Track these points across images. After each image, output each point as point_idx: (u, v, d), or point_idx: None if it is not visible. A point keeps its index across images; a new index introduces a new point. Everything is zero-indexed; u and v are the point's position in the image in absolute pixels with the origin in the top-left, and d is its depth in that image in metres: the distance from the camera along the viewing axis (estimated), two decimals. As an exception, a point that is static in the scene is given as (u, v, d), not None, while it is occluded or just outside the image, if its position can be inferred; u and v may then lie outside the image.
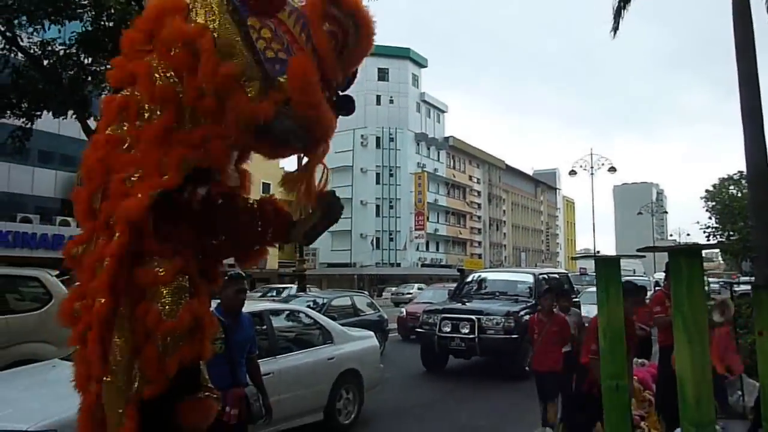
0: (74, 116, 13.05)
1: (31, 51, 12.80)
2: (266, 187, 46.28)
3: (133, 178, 2.42)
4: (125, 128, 2.55)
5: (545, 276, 12.94)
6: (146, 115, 2.52)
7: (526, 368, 6.63)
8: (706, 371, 2.60)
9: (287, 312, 7.67)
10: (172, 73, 2.50)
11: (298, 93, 2.49)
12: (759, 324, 3.13)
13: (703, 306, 2.66)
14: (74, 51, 12.71)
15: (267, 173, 46.16)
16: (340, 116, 2.78)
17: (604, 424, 3.41)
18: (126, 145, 2.52)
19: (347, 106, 2.84)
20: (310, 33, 2.56)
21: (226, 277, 4.47)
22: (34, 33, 12.89)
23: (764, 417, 3.06)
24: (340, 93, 2.84)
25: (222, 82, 2.39)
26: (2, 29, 12.59)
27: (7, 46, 12.80)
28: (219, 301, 4.43)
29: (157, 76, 2.50)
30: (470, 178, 70.21)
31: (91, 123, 12.05)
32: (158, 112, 2.49)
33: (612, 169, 39.43)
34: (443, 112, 68.11)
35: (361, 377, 7.30)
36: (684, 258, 2.67)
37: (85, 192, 2.61)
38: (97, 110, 12.38)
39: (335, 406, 6.92)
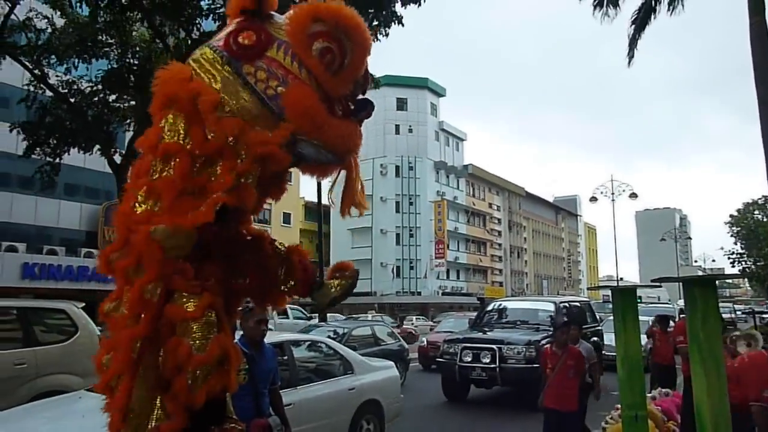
0: (99, 151, 13.41)
1: (58, 88, 13.23)
2: (287, 217, 46.42)
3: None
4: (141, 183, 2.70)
5: (566, 304, 12.85)
6: (158, 169, 2.65)
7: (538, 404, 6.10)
8: (723, 401, 2.61)
9: (308, 342, 7.73)
10: (180, 128, 2.65)
11: (300, 120, 2.62)
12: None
13: (718, 336, 2.68)
14: (99, 88, 13.11)
15: (289, 205, 45.95)
16: (363, 120, 2.88)
17: None
18: (144, 198, 2.64)
19: (364, 109, 2.91)
20: (301, 60, 2.68)
21: (248, 308, 4.57)
22: (66, 72, 13.34)
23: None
24: (359, 98, 2.92)
25: (230, 128, 2.57)
26: (32, 67, 13.04)
27: (36, 84, 13.23)
28: (242, 332, 4.52)
29: (165, 135, 2.66)
30: (490, 205, 70.08)
31: (117, 158, 12.36)
32: (172, 163, 2.61)
33: (633, 195, 39.15)
34: (462, 140, 68.38)
35: (381, 407, 7.29)
36: (698, 288, 2.70)
37: (108, 249, 2.74)
38: (122, 145, 12.74)
39: (356, 437, 6.92)
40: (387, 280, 55.91)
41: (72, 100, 13.18)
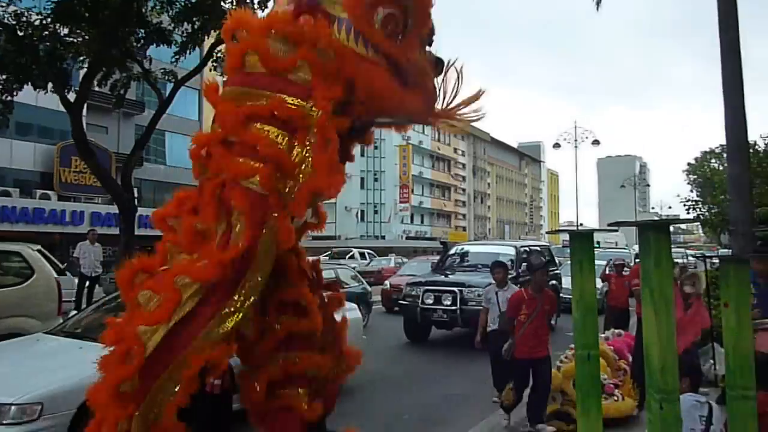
0: (53, 89, 12.86)
1: (5, 19, 12.52)
2: None
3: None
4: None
5: (527, 248, 13.10)
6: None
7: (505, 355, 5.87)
8: (671, 341, 2.71)
9: (271, 285, 7.74)
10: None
11: (376, 103, 2.58)
12: (725, 296, 3.24)
13: (670, 279, 2.76)
14: (50, 21, 12.45)
15: None
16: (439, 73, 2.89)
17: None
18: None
19: (439, 66, 2.91)
20: (365, 38, 2.57)
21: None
22: (10, 2, 12.59)
23: (728, 385, 3.19)
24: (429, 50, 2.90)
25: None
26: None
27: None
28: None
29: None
30: (455, 150, 70.20)
31: (71, 96, 11.87)
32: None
33: (596, 142, 39.66)
34: (428, 83, 67.71)
35: (344, 348, 7.40)
36: (652, 233, 2.75)
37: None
38: (76, 82, 12.22)
39: (319, 377, 7.02)
40: (351, 224, 56.08)
41: (21, 33, 12.52)
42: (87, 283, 12.73)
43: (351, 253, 31.97)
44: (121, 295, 3.09)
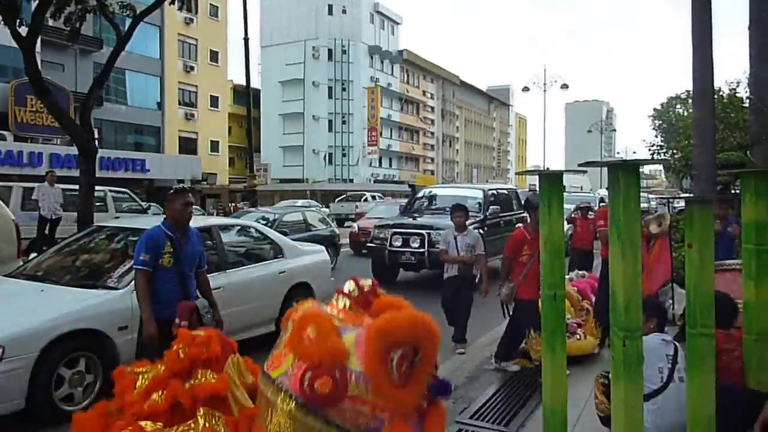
0: (2, 22, 12.17)
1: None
2: (214, 100, 44.51)
3: None
4: None
5: (495, 192, 13.18)
6: None
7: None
8: (636, 281, 2.74)
9: (237, 227, 7.65)
10: None
11: None
12: (689, 236, 3.27)
13: (637, 219, 2.77)
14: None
15: (216, 87, 43.91)
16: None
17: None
18: None
19: (442, 393, 3.01)
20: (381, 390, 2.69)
21: (172, 190, 4.41)
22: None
23: (688, 323, 3.26)
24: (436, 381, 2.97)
25: None
26: None
27: None
28: (166, 215, 4.38)
29: None
30: (424, 93, 69.57)
31: (22, 30, 11.25)
32: None
33: (564, 86, 39.69)
34: (397, 24, 66.34)
35: (312, 290, 7.42)
36: (622, 173, 2.74)
37: None
38: (28, 15, 11.57)
39: (287, 319, 7.06)
40: (319, 168, 55.70)
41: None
42: (48, 226, 12.46)
43: (364, 197, 34.46)
44: None
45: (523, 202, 14.08)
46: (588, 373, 5.16)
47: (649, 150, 25.71)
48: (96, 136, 12.48)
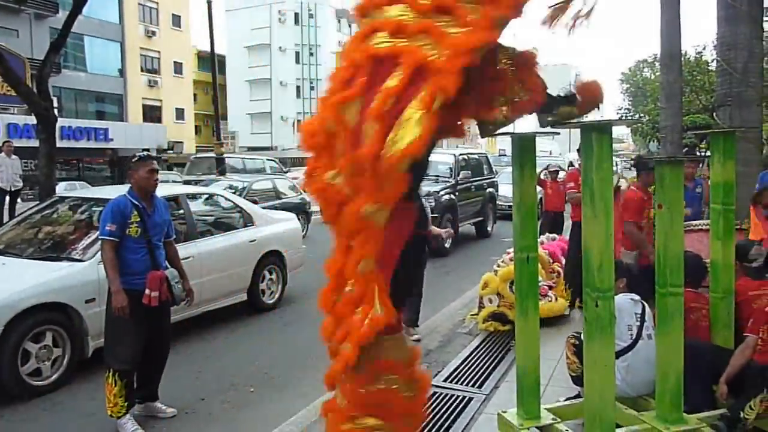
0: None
1: None
2: (178, 66, 43.35)
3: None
4: None
5: (465, 157, 13.18)
6: None
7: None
8: (608, 242, 2.75)
9: (205, 196, 7.52)
10: None
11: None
12: (660, 197, 3.29)
13: (610, 181, 2.76)
14: None
15: (180, 53, 42.67)
16: None
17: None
18: None
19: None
20: None
21: (136, 158, 4.28)
22: None
23: (658, 282, 3.31)
24: None
25: None
26: None
27: None
28: (131, 184, 4.25)
29: None
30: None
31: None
32: None
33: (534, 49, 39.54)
34: (365, -13, 65.12)
35: (283, 258, 7.37)
36: (595, 133, 2.73)
37: None
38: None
39: (258, 287, 7.02)
40: (287, 135, 54.98)
41: None
42: (7, 198, 12.09)
43: None
44: None
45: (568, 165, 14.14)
46: (559, 335, 5.24)
47: (617, 113, 25.92)
48: (55, 104, 12.02)
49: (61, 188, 13.70)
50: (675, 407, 3.33)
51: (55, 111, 11.54)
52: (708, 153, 6.03)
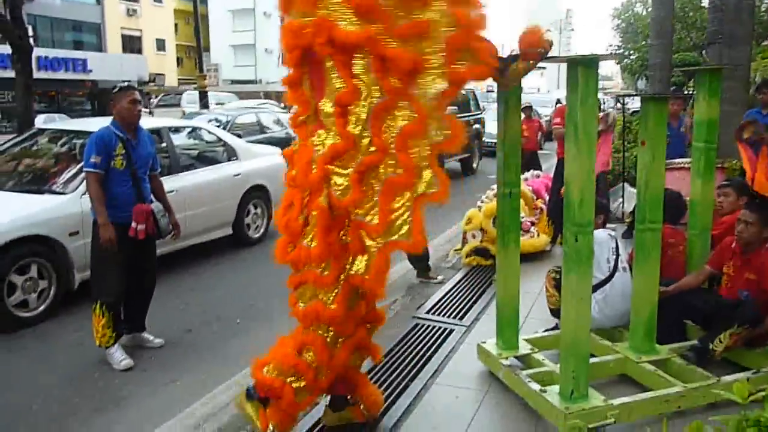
0: None
1: None
2: (160, 42, 41.71)
3: None
4: None
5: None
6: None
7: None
8: (590, 177, 2.77)
9: (188, 129, 7.41)
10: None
11: None
12: (643, 134, 3.31)
13: (595, 116, 2.76)
14: None
15: (161, 31, 40.67)
16: None
17: None
18: None
19: None
20: None
21: (118, 89, 4.20)
22: None
23: (638, 219, 3.36)
24: None
25: None
26: None
27: None
28: (114, 114, 4.17)
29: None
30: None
31: None
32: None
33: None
34: None
35: (268, 192, 7.35)
36: (581, 68, 2.70)
37: None
38: None
39: (244, 221, 7.04)
40: (272, 68, 53.74)
41: None
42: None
43: None
44: None
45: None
46: (540, 269, 5.34)
47: (608, 50, 25.58)
48: (30, 33, 11.56)
49: (40, 121, 13.39)
50: (648, 338, 3.45)
51: (30, 39, 11.14)
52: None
